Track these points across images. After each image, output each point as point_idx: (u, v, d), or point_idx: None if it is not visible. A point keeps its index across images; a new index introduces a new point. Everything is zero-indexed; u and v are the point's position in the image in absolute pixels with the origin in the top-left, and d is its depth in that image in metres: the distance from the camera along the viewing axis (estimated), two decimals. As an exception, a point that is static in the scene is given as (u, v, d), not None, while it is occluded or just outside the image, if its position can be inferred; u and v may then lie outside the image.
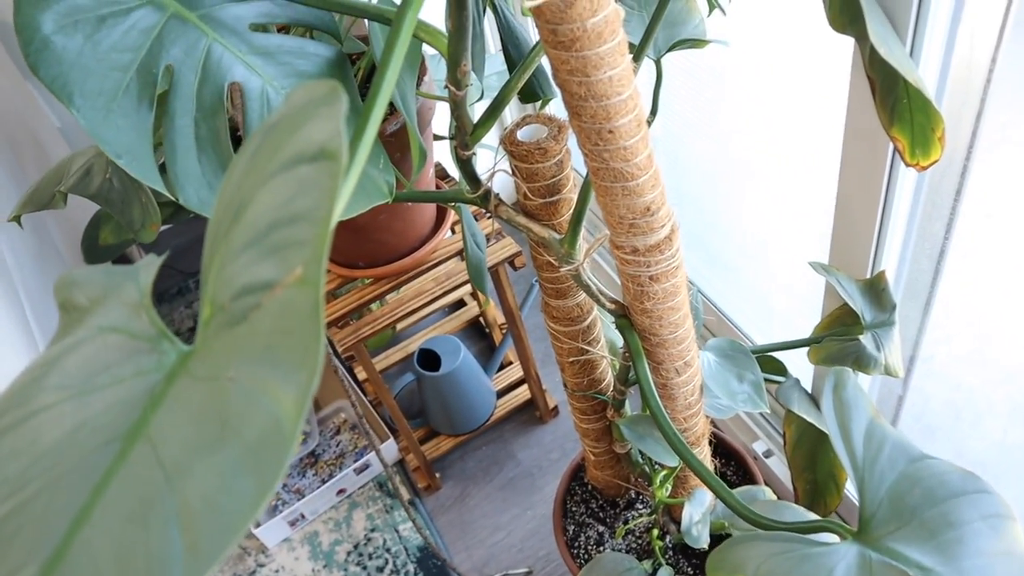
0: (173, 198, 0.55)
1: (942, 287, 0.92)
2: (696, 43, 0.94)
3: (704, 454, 0.95)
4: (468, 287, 1.76)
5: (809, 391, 1.14)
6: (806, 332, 1.02)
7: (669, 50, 0.94)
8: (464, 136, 0.72)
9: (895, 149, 0.75)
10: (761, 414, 1.41)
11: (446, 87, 0.67)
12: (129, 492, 0.28)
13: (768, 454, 1.35)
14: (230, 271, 0.31)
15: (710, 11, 0.90)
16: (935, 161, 0.72)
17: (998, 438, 1.19)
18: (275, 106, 0.60)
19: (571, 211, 0.81)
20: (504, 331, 1.70)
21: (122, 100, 0.53)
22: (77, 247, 1.64)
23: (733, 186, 1.33)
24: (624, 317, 0.80)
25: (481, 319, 1.76)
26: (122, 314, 0.35)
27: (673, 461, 0.87)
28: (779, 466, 1.35)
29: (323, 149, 0.30)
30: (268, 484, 0.26)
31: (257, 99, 0.59)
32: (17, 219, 0.87)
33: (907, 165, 0.74)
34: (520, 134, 0.78)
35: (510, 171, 0.80)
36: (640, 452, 1.03)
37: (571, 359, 0.93)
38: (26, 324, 1.22)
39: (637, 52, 0.79)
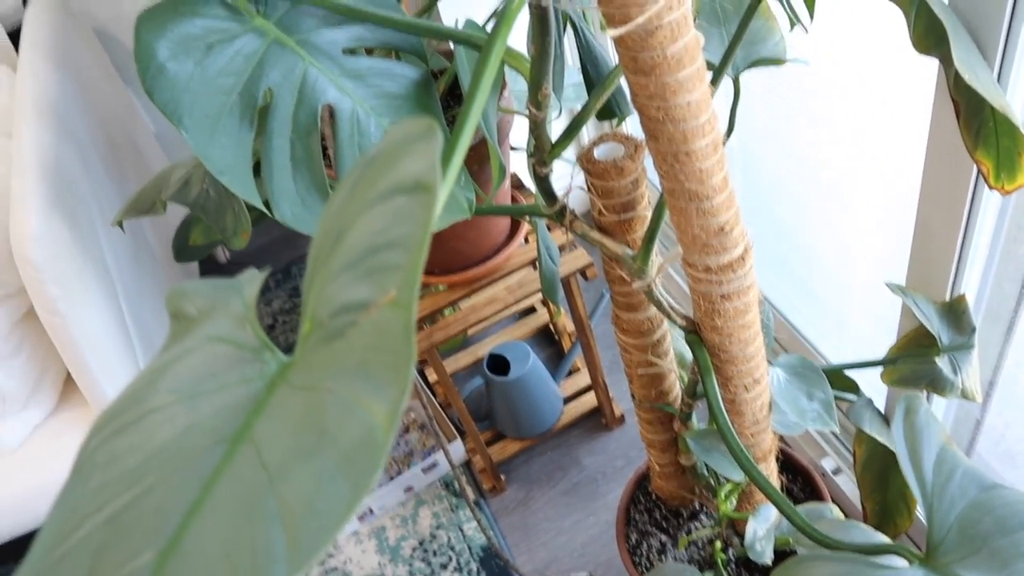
0: (269, 214, 0.58)
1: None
2: (775, 61, 0.94)
3: (771, 470, 0.95)
4: (539, 295, 1.79)
5: (882, 411, 1.13)
6: (881, 351, 1.01)
7: (747, 68, 0.94)
8: (542, 154, 0.74)
9: (979, 172, 0.74)
10: (831, 431, 1.39)
11: (527, 108, 0.69)
12: (236, 490, 0.31)
13: (837, 471, 1.34)
14: (330, 291, 0.34)
15: (791, 27, 0.90)
16: (1020, 186, 0.71)
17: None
18: (363, 125, 0.63)
19: (645, 228, 0.82)
20: (573, 339, 1.71)
21: (226, 121, 0.57)
22: (168, 246, 1.72)
23: (811, 202, 1.32)
24: (694, 333, 0.81)
25: (551, 326, 1.78)
26: (229, 325, 0.38)
27: (739, 476, 0.88)
28: (848, 484, 1.33)
29: (419, 182, 0.32)
30: (362, 489, 0.29)
31: (348, 120, 0.63)
32: (119, 223, 0.92)
33: (991, 188, 0.73)
34: (597, 152, 0.80)
35: (586, 187, 0.82)
36: (706, 465, 1.04)
37: (640, 371, 0.94)
38: (122, 318, 1.29)
39: (716, 72, 0.80)
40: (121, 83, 1.71)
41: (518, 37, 0.97)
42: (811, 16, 0.89)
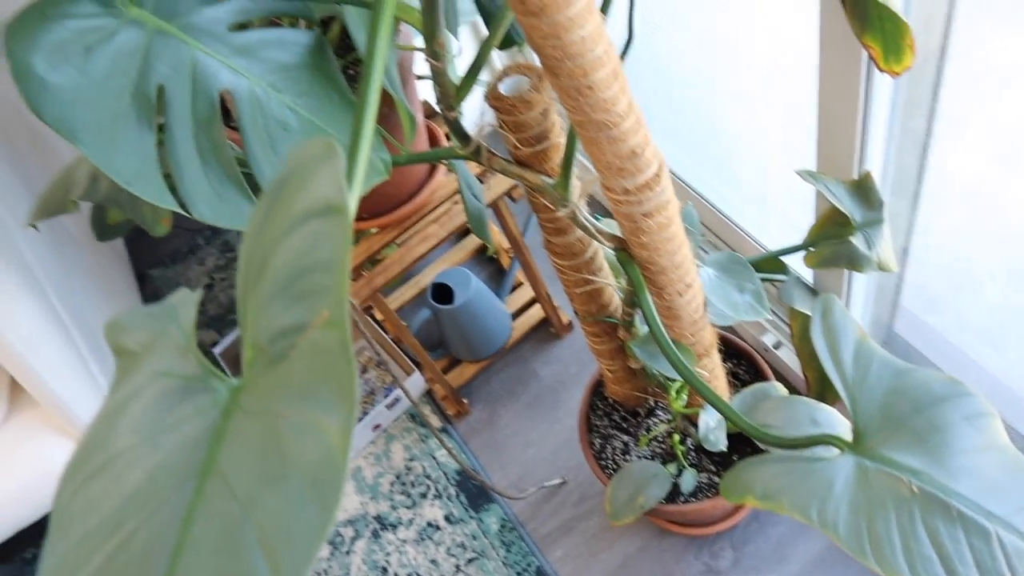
0: (186, 214, 0.58)
1: (930, 172, 0.94)
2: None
3: (714, 363, 1.00)
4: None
5: (810, 284, 1.19)
6: (803, 226, 1.04)
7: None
8: (449, 100, 0.74)
9: (870, 56, 0.77)
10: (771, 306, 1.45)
11: (425, 59, 0.69)
12: (213, 525, 0.33)
13: (778, 346, 1.41)
14: (265, 318, 0.35)
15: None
16: (908, 67, 0.74)
17: (998, 303, 1.23)
18: (264, 105, 0.62)
19: (561, 154, 0.83)
20: (511, 255, 1.74)
21: (123, 128, 0.56)
22: (87, 226, 1.68)
23: (724, 94, 1.34)
24: (623, 250, 0.83)
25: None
26: (172, 358, 0.39)
27: (685, 375, 0.92)
28: (790, 356, 1.40)
29: (330, 205, 0.33)
30: (330, 510, 0.31)
31: (248, 101, 0.62)
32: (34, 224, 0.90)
33: (881, 71, 0.76)
34: (502, 88, 0.80)
35: (497, 124, 0.82)
36: (654, 365, 1.08)
37: (578, 290, 0.97)
38: (55, 313, 1.27)
39: None
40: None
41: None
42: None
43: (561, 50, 0.62)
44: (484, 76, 1.40)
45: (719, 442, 0.93)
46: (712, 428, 0.93)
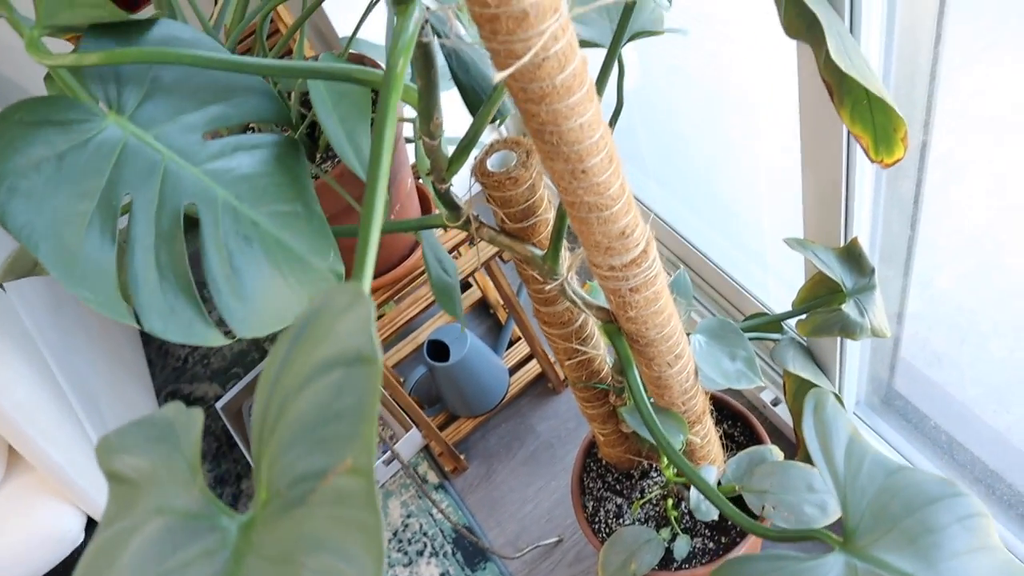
0: (139, 327, 0.58)
1: (926, 229, 0.93)
2: (653, 33, 0.95)
3: (707, 428, 1.00)
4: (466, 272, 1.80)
5: (804, 343, 1.18)
6: (798, 282, 1.03)
7: (627, 42, 0.95)
8: (440, 172, 0.74)
9: (859, 145, 0.76)
10: (766, 361, 1.45)
11: (420, 138, 0.69)
12: None
13: (776, 402, 1.40)
14: (283, 463, 0.34)
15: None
16: (899, 159, 0.73)
17: (1004, 357, 1.21)
18: (226, 218, 0.60)
19: (550, 228, 0.84)
20: (508, 311, 1.74)
21: (85, 241, 0.54)
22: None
23: (721, 154, 1.35)
24: (612, 323, 0.84)
25: (485, 298, 1.79)
26: (175, 492, 0.38)
27: (676, 444, 0.92)
28: (788, 413, 1.39)
29: (360, 355, 0.33)
30: None
31: (209, 213, 0.60)
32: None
33: (872, 162, 0.74)
34: (490, 163, 0.81)
35: (485, 197, 0.83)
36: (648, 429, 1.08)
37: (568, 359, 0.97)
38: (52, 376, 1.27)
39: (608, 55, 0.81)
40: None
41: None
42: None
43: (559, 136, 0.62)
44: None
45: (711, 512, 0.92)
46: (704, 499, 0.93)
